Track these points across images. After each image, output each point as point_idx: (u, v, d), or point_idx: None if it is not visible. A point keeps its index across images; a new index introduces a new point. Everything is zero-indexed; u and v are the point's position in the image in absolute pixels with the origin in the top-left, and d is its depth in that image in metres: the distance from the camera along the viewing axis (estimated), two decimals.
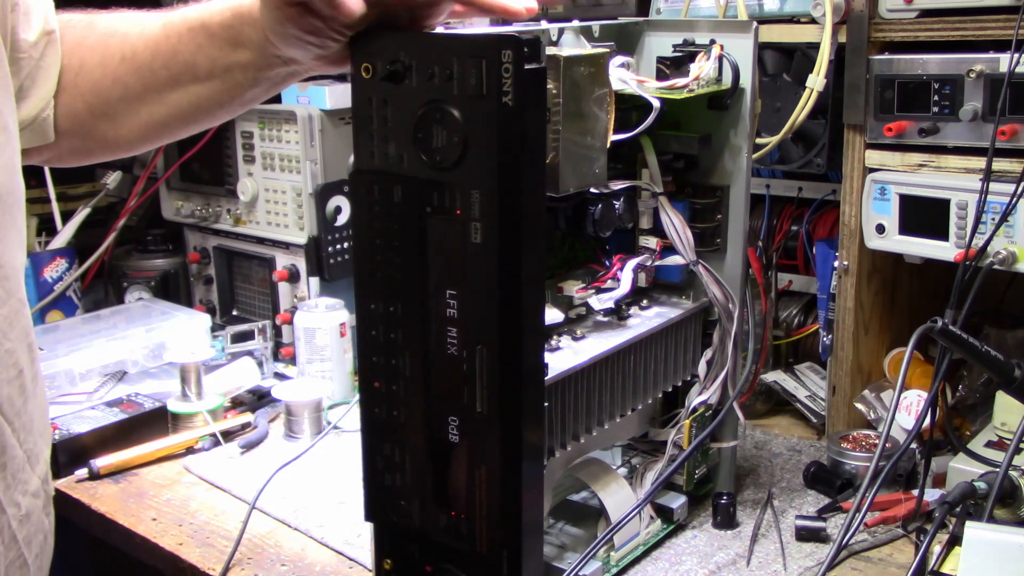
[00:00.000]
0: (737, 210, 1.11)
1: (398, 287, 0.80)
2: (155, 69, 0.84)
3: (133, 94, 0.86)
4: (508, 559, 0.80)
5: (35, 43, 0.84)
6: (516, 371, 0.77)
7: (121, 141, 0.90)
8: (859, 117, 1.23)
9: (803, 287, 1.45)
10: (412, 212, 0.77)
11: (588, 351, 0.98)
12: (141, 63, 0.85)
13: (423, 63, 0.73)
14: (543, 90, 0.75)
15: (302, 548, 1.12)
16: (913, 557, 0.97)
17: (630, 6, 1.51)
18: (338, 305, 1.50)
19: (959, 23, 1.16)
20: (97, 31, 0.88)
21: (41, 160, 0.93)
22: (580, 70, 0.89)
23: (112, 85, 0.86)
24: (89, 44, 0.87)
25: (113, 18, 0.88)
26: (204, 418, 1.38)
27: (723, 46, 1.05)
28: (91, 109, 0.87)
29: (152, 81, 0.85)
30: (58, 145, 0.89)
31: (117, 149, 0.92)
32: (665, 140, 1.07)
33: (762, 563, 1.07)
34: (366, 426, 0.85)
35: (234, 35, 0.81)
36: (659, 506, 1.12)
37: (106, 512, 1.20)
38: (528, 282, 0.76)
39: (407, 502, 0.84)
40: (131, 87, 0.86)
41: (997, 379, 0.99)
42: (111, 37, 0.87)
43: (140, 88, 0.85)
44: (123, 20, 0.88)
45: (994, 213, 1.13)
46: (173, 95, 0.85)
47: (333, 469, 1.29)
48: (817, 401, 1.40)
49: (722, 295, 1.10)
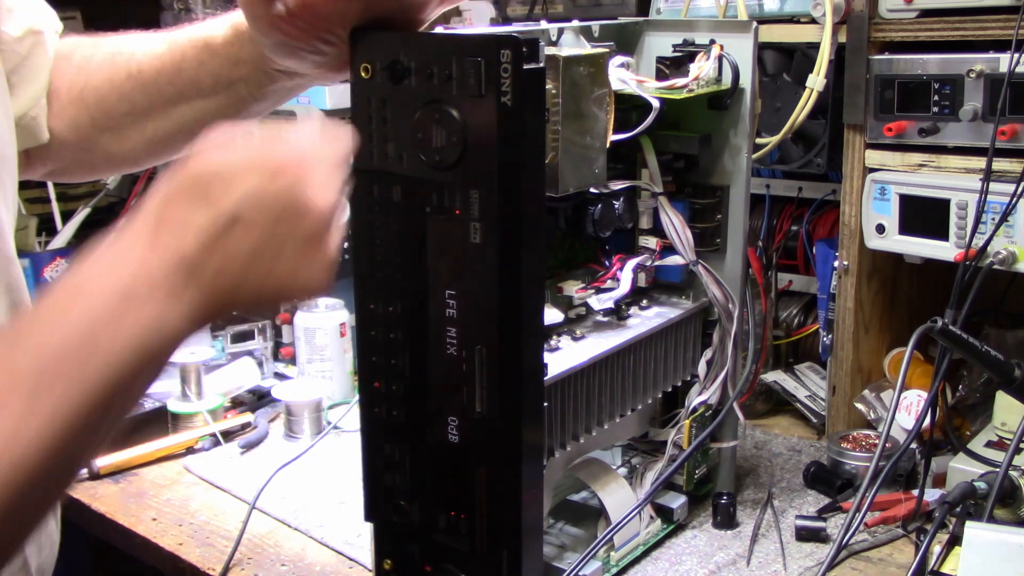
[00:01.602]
0: (737, 210, 1.11)
1: (398, 287, 0.80)
2: (161, 85, 0.86)
3: (139, 109, 0.87)
4: (508, 559, 0.80)
5: (20, 39, 0.85)
6: (516, 371, 0.77)
7: (126, 155, 0.91)
8: (859, 117, 1.23)
9: (803, 287, 1.45)
10: (412, 212, 0.77)
11: (588, 351, 0.98)
12: (147, 80, 0.86)
13: (422, 63, 0.73)
14: (542, 90, 0.75)
15: (302, 548, 1.12)
16: (913, 557, 0.97)
17: (630, 6, 1.51)
18: (338, 305, 1.50)
19: (959, 23, 1.16)
20: (103, 50, 0.89)
21: (44, 172, 0.94)
22: (579, 70, 0.89)
23: (119, 101, 0.87)
24: (96, 62, 0.89)
25: (119, 38, 0.90)
26: (204, 418, 1.38)
27: (723, 46, 1.05)
28: (96, 123, 0.88)
29: (158, 97, 0.86)
30: (61, 158, 0.91)
31: (122, 163, 0.93)
32: (665, 140, 1.07)
33: (762, 563, 1.07)
34: (366, 426, 0.85)
35: (234, 52, 0.82)
36: (659, 506, 1.12)
37: (106, 512, 1.20)
38: (528, 282, 0.76)
39: (407, 502, 0.84)
40: (137, 103, 0.87)
41: (997, 379, 0.99)
42: (117, 56, 0.88)
43: (146, 104, 0.87)
44: (129, 40, 0.89)
45: (994, 213, 1.13)
46: (179, 110, 0.86)
47: (333, 469, 1.29)
48: (817, 401, 1.40)
49: (722, 295, 1.10)
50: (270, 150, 0.63)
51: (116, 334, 0.57)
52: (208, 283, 0.60)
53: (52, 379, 0.55)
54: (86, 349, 0.57)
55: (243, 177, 0.60)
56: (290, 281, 0.62)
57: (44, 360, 0.56)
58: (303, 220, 0.61)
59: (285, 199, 0.61)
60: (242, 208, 0.60)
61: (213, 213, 0.60)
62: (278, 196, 0.61)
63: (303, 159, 0.63)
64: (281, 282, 0.62)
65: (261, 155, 0.62)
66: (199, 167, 0.62)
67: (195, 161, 0.62)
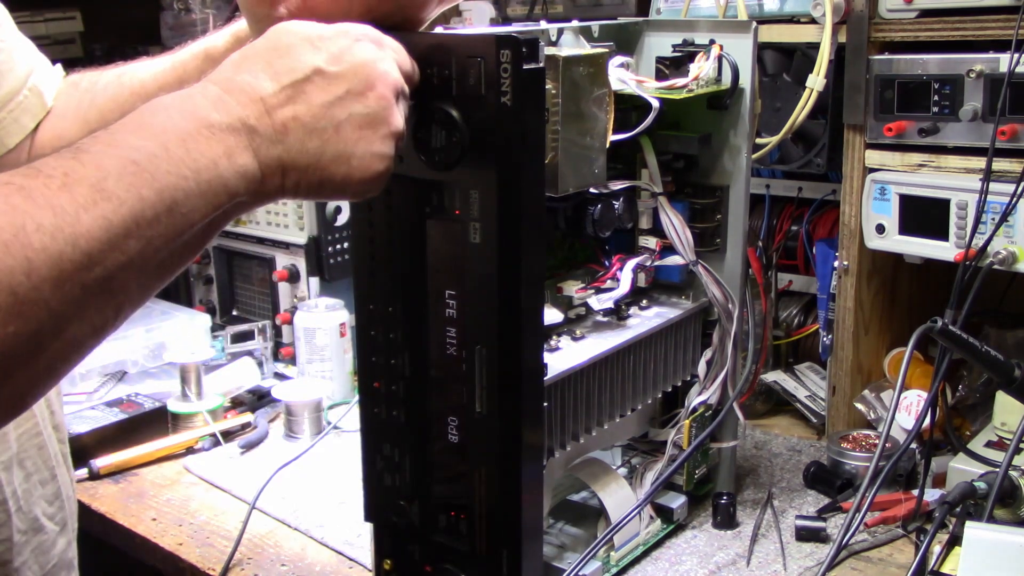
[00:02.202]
0: (737, 210, 1.11)
1: (397, 287, 0.80)
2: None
3: None
4: (508, 559, 0.80)
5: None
6: (515, 371, 0.77)
7: None
8: (859, 117, 1.23)
9: (803, 287, 1.45)
10: (411, 212, 0.77)
11: (588, 351, 0.98)
12: (149, 94, 0.87)
13: (422, 63, 0.73)
14: (542, 90, 0.75)
15: (302, 548, 1.12)
16: (913, 557, 0.97)
17: (630, 6, 1.51)
18: (338, 305, 1.50)
19: (959, 23, 1.16)
20: (111, 73, 0.93)
21: None
22: (579, 70, 0.89)
23: (120, 117, 0.88)
24: (102, 84, 0.92)
25: (128, 64, 0.94)
26: (204, 418, 1.38)
27: (723, 46, 1.05)
28: None
29: None
30: None
31: None
32: (665, 140, 1.07)
33: (762, 563, 1.07)
34: (366, 426, 0.85)
35: None
36: (659, 506, 1.12)
37: (106, 512, 1.20)
38: (527, 282, 0.76)
39: (407, 502, 0.84)
40: None
41: (997, 379, 0.99)
42: (123, 76, 0.92)
43: None
44: (136, 63, 0.93)
45: (994, 213, 1.13)
46: None
47: (333, 469, 1.29)
48: (817, 401, 1.40)
49: (722, 295, 1.10)
50: (350, 25, 0.67)
51: (186, 157, 0.57)
52: (279, 130, 0.62)
53: (115, 183, 0.54)
54: (158, 160, 0.56)
55: (327, 38, 0.64)
56: (349, 152, 0.64)
57: (116, 162, 0.55)
58: (371, 92, 0.65)
59: (360, 66, 0.65)
60: (325, 62, 0.63)
61: (294, 64, 0.63)
62: (355, 62, 0.64)
63: (380, 38, 0.68)
64: (339, 151, 0.64)
65: (342, 26, 0.66)
66: (280, 30, 0.65)
67: (275, 29, 0.65)
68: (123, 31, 2.04)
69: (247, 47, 0.65)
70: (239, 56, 0.64)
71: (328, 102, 0.63)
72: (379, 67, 0.65)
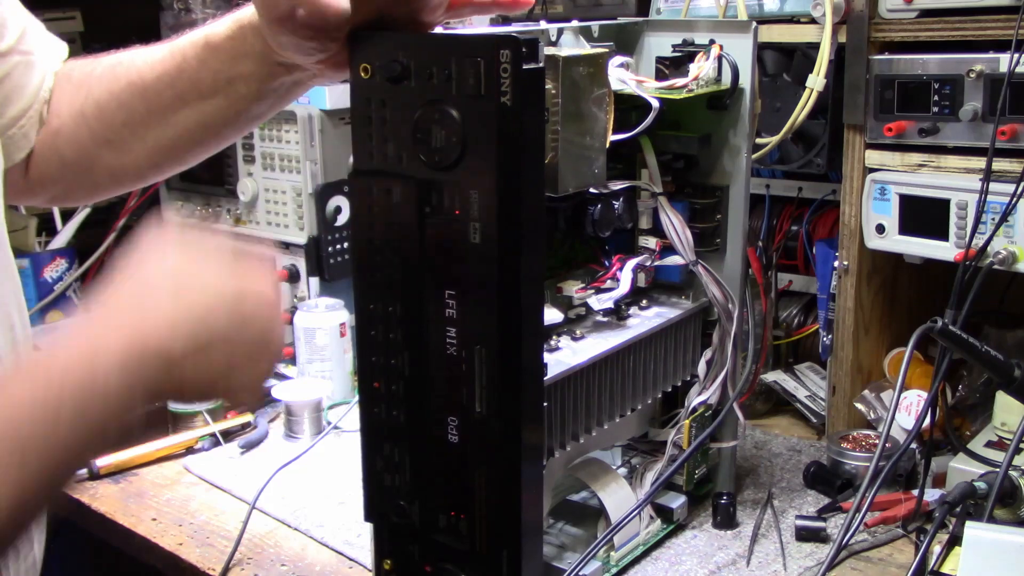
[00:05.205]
0: (737, 210, 1.11)
1: (397, 287, 0.79)
2: (160, 90, 0.85)
3: (138, 118, 0.87)
4: (508, 559, 0.80)
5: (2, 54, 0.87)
6: (515, 371, 0.77)
7: (128, 170, 0.90)
8: (859, 117, 1.23)
9: (803, 287, 1.45)
10: (411, 212, 0.77)
11: (588, 351, 0.98)
12: (146, 85, 0.86)
13: (421, 63, 0.73)
14: (542, 90, 0.75)
15: (302, 548, 1.12)
16: (913, 557, 0.97)
17: (630, 6, 1.51)
18: (338, 305, 1.50)
19: (959, 23, 1.16)
20: (104, 63, 0.90)
21: (47, 197, 0.95)
22: (579, 70, 0.89)
23: (117, 109, 0.87)
24: (96, 75, 0.89)
25: (122, 52, 0.91)
26: (204, 418, 1.38)
27: (723, 46, 1.05)
28: (95, 136, 0.88)
29: (157, 103, 0.86)
30: (63, 179, 0.91)
31: (124, 179, 0.93)
32: (665, 140, 1.07)
33: (762, 563, 1.07)
34: (366, 426, 0.85)
35: (237, 46, 0.81)
36: (659, 506, 1.12)
37: (106, 512, 1.20)
38: (527, 282, 0.76)
39: (407, 502, 0.84)
40: (136, 110, 0.87)
41: (997, 379, 0.99)
42: (118, 66, 0.88)
43: (144, 111, 0.86)
44: (130, 51, 0.90)
45: (994, 213, 1.13)
46: (179, 115, 0.86)
47: (333, 469, 1.29)
48: (817, 401, 1.40)
49: (722, 295, 1.10)
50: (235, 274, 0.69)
51: (80, 423, 0.62)
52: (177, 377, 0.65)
53: (21, 452, 0.59)
54: (56, 431, 0.61)
55: (218, 298, 0.67)
56: (227, 376, 0.68)
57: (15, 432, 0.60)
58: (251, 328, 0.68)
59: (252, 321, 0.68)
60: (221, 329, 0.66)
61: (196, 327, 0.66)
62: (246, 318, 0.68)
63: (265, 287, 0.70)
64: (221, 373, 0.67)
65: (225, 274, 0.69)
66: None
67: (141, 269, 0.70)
68: (123, 31, 2.03)
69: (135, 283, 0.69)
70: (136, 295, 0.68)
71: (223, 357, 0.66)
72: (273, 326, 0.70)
